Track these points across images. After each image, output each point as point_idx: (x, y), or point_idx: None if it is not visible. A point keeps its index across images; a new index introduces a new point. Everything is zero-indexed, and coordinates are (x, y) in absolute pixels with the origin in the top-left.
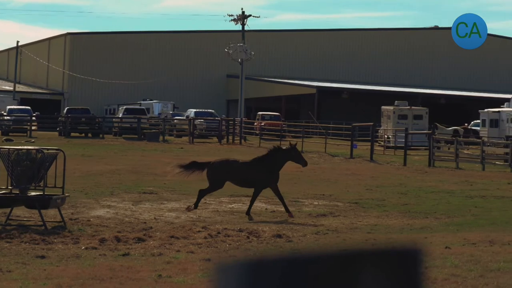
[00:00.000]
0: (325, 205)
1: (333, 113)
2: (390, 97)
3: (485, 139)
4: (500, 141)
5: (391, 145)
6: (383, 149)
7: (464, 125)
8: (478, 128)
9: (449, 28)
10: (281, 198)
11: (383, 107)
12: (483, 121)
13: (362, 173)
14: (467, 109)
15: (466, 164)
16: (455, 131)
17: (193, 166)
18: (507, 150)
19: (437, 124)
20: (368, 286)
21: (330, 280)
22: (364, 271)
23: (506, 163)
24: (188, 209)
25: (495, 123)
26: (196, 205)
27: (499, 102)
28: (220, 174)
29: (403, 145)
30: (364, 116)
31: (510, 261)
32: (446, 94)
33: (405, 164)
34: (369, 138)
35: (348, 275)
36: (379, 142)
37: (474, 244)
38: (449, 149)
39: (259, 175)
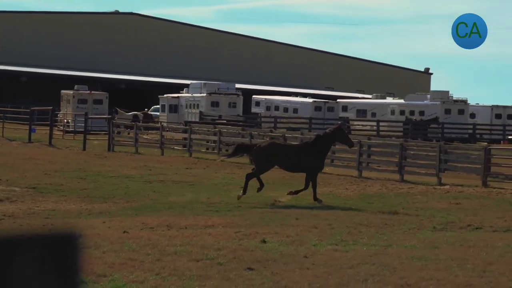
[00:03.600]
0: (2, 190)
1: (12, 97)
2: (71, 81)
3: (164, 124)
4: (179, 127)
5: (71, 129)
6: (62, 133)
7: (144, 110)
8: (158, 113)
9: (131, 14)
10: (314, 186)
11: (62, 91)
12: (163, 106)
13: (40, 158)
14: (148, 94)
15: (146, 149)
16: (135, 116)
17: (240, 150)
18: (186, 135)
19: (117, 109)
20: (23, 271)
21: None
22: (19, 256)
23: (184, 148)
24: (238, 197)
25: (174, 108)
26: (244, 191)
27: (179, 88)
28: (267, 157)
29: (82, 129)
30: (46, 100)
31: (187, 245)
32: (127, 79)
33: (84, 148)
34: (48, 123)
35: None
36: (58, 126)
37: (152, 228)
38: (129, 134)
39: (311, 161)
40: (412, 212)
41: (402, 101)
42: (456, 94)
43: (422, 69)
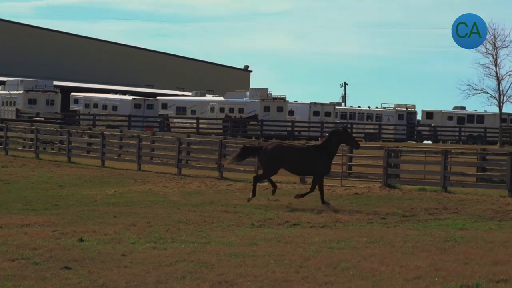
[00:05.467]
0: None
1: None
2: None
3: None
4: None
5: None
6: None
7: None
8: None
9: None
10: (321, 189)
11: None
12: None
13: None
14: None
15: None
16: None
17: (245, 152)
18: (2, 133)
19: None
20: None
21: None
22: None
23: (0, 146)
24: (248, 200)
25: None
26: (253, 193)
27: None
28: (275, 160)
29: None
30: None
31: (2, 245)
32: None
33: None
34: None
35: None
36: None
37: None
38: None
39: (320, 163)
40: (230, 209)
41: (221, 98)
42: (275, 92)
43: (242, 67)
